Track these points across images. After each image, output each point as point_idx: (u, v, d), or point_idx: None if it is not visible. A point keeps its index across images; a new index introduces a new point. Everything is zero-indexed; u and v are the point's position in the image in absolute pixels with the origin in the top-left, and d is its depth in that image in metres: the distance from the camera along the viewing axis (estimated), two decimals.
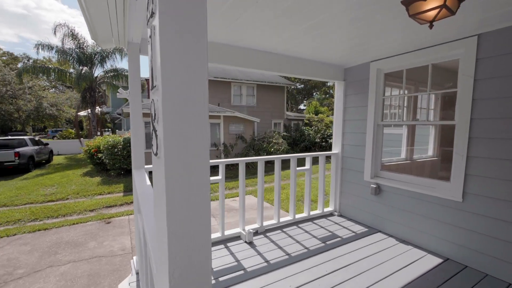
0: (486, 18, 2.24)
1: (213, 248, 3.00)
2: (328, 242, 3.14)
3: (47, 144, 15.33)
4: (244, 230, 3.24)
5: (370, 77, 3.57)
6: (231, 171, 10.96)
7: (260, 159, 3.41)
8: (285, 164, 9.48)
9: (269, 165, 10.90)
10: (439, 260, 2.73)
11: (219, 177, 3.11)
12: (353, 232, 3.46)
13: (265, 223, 3.55)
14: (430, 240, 2.94)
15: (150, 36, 0.63)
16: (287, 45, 2.99)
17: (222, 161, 3.11)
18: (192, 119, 0.58)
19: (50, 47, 16.54)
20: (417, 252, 2.92)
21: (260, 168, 3.40)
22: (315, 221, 3.81)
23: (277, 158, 3.50)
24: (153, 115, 0.67)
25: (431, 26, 1.85)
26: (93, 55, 17.75)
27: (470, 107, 2.57)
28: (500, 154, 2.38)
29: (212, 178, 3.12)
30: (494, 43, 2.40)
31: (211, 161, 3.16)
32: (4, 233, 5.44)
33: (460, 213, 2.67)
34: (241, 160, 3.27)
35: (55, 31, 16.24)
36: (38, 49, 16.45)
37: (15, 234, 5.44)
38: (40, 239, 5.21)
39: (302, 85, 39.44)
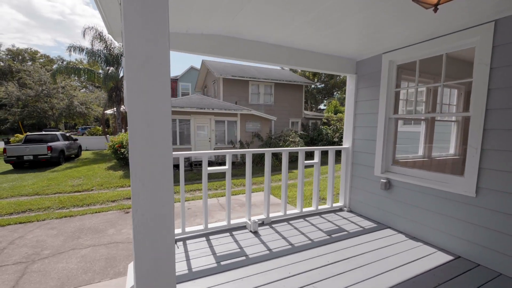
0: (503, 1, 2.12)
1: (218, 236, 3.08)
2: (333, 235, 3.11)
3: (76, 139, 16.41)
4: (249, 220, 3.30)
5: (382, 69, 3.48)
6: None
7: (267, 151, 3.46)
8: (295, 164, 9.32)
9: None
10: (450, 257, 2.62)
11: (226, 167, 3.19)
12: (361, 227, 3.39)
13: (271, 215, 3.58)
14: (441, 236, 2.82)
15: (120, 3, 0.70)
16: (294, 37, 2.99)
17: (229, 151, 3.19)
18: (154, 71, 0.63)
19: (80, 49, 17.68)
20: (427, 248, 2.81)
21: (268, 159, 3.44)
22: (323, 215, 3.78)
23: (284, 150, 3.52)
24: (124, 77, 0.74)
25: (435, 10, 1.79)
26: (119, 56, 18.66)
27: (485, 97, 2.44)
28: None
29: (219, 167, 3.22)
30: None
31: (219, 151, 3.25)
32: (35, 218, 5.93)
33: (473, 208, 2.54)
34: (248, 151, 3.32)
35: (84, 34, 17.30)
36: (70, 51, 17.64)
37: (44, 219, 5.90)
38: (65, 225, 5.62)
39: (323, 85, 38.63)
